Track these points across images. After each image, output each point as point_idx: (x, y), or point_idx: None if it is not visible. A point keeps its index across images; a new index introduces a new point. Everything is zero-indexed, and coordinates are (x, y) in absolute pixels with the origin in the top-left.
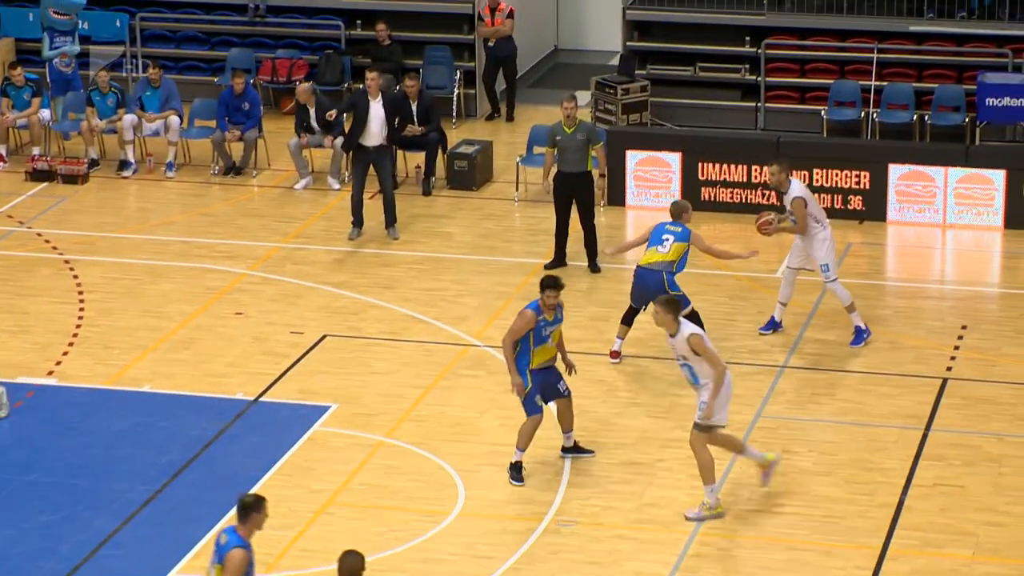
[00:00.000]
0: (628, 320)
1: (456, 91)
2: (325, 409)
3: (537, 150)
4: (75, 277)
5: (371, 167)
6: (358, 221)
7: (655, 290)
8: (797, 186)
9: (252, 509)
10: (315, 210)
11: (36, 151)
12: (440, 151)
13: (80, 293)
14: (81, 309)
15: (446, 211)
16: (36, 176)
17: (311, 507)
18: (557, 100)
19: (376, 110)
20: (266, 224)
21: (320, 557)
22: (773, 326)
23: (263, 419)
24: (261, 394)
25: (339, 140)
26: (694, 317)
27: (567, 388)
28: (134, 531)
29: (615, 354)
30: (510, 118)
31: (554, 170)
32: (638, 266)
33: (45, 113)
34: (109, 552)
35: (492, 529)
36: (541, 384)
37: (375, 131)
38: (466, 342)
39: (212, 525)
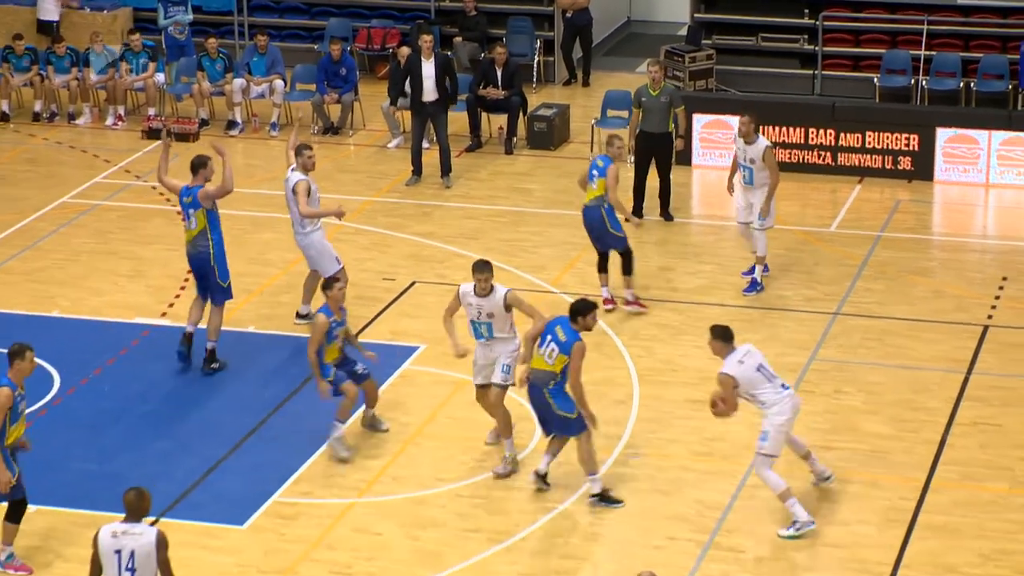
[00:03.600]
0: (602, 267)
1: (536, 58)
2: (414, 349)
3: (612, 113)
4: None
5: (428, 121)
6: (417, 170)
7: (597, 227)
8: (764, 139)
9: (17, 356)
10: (406, 167)
11: (152, 111)
12: (521, 114)
13: None
14: None
15: (526, 169)
16: (151, 134)
17: (401, 438)
18: (630, 67)
19: (428, 70)
20: (361, 179)
21: (409, 483)
22: (753, 276)
23: (357, 358)
24: (356, 335)
25: (385, 103)
26: (627, 256)
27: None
28: (241, 458)
29: (608, 301)
30: (586, 83)
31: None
32: (583, 206)
33: (160, 77)
34: (218, 476)
35: (566, 460)
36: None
37: (429, 88)
38: (543, 289)
39: (312, 452)
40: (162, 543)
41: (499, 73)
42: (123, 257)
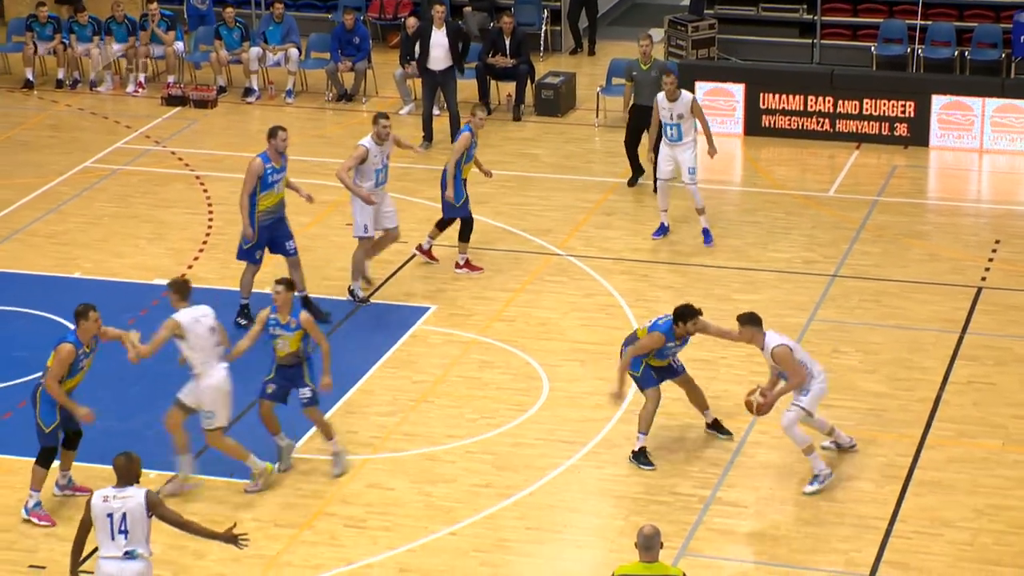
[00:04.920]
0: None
1: (543, 28)
2: (426, 310)
3: (616, 81)
4: (205, 191)
5: (438, 88)
6: (428, 136)
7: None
8: (687, 92)
9: (81, 316)
10: (417, 132)
11: (171, 79)
12: (529, 81)
13: (209, 205)
14: (210, 219)
15: (534, 135)
16: (171, 101)
17: (413, 396)
18: (634, 37)
19: (439, 39)
20: None
21: (421, 440)
22: (663, 231)
23: (371, 318)
24: (370, 296)
25: (398, 71)
26: (442, 223)
27: (680, 366)
28: (257, 415)
29: (427, 253)
30: (591, 52)
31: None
32: None
33: (179, 45)
34: (235, 433)
35: (573, 417)
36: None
37: (439, 56)
38: (550, 251)
39: (327, 409)
40: (153, 503)
41: (507, 42)
42: (143, 220)
